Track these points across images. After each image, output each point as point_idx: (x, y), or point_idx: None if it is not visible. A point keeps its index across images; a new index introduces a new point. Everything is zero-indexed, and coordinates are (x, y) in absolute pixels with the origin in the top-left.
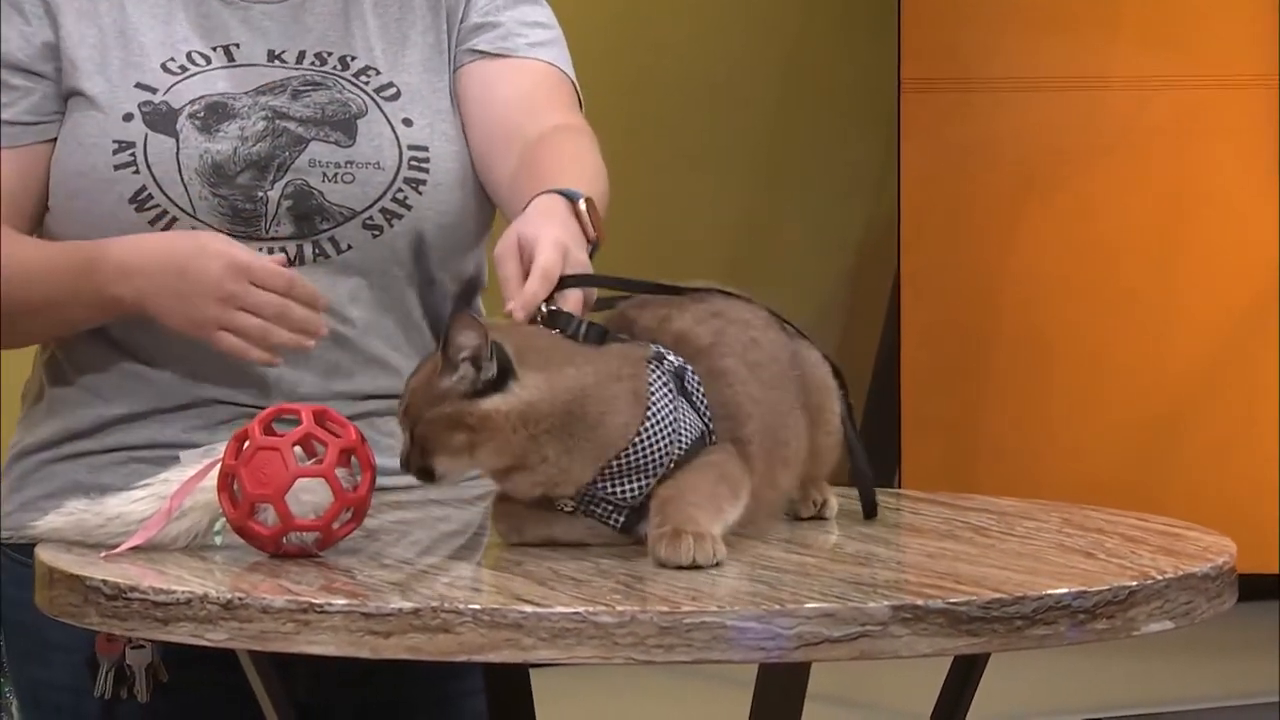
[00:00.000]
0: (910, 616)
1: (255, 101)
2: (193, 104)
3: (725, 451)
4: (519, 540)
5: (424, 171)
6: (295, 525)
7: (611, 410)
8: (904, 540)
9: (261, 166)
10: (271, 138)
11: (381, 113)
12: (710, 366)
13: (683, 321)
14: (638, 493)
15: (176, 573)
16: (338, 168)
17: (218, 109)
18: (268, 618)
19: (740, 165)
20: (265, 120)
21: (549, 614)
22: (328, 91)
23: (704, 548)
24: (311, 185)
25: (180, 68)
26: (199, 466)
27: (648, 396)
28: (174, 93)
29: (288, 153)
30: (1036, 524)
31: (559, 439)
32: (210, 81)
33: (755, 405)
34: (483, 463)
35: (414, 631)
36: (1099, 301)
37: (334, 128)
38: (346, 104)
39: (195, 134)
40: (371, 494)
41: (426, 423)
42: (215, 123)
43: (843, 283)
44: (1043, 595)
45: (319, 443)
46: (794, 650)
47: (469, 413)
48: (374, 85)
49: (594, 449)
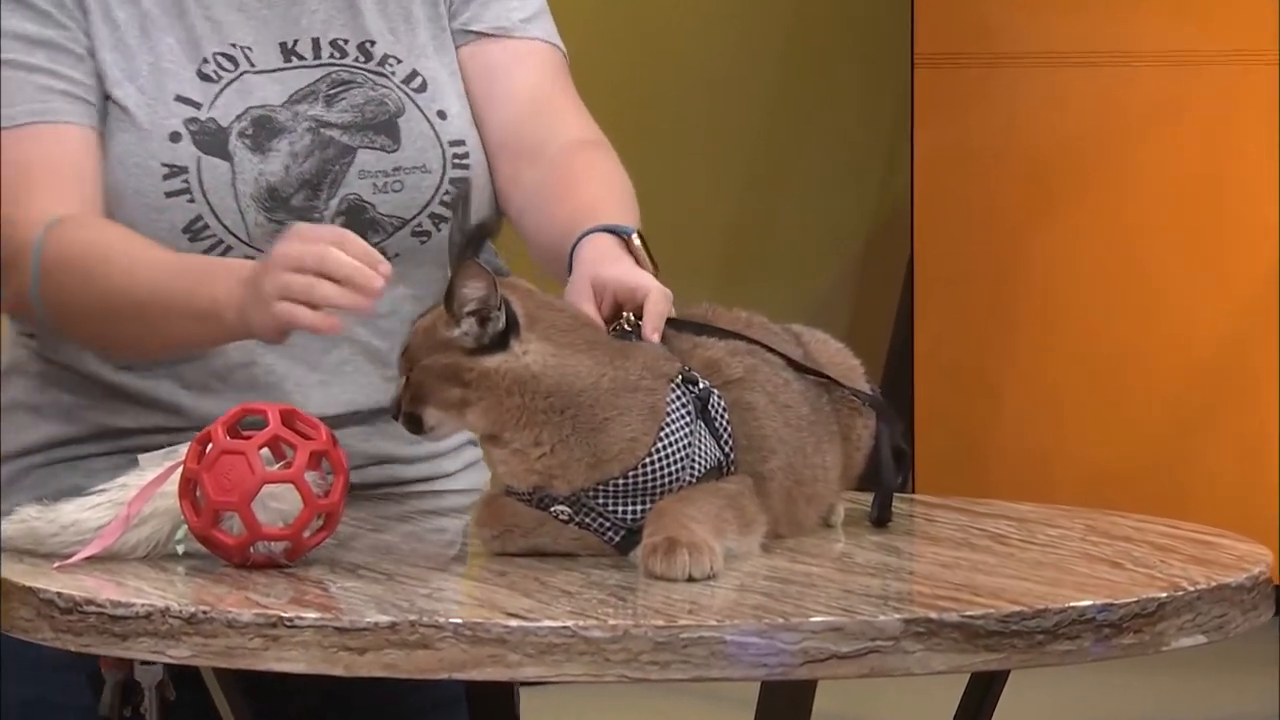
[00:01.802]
0: (924, 631)
1: (295, 112)
2: (240, 120)
3: (742, 482)
4: (503, 549)
5: (466, 169)
6: (263, 534)
7: (618, 420)
8: (917, 549)
9: (314, 185)
10: (319, 151)
11: (417, 108)
12: (738, 398)
13: (715, 350)
14: (639, 515)
15: (135, 584)
16: (386, 176)
17: (265, 125)
18: (234, 633)
19: (739, 147)
20: (310, 133)
21: (536, 628)
22: (360, 89)
23: (700, 560)
24: (364, 199)
25: (215, 74)
26: (159, 470)
27: (664, 415)
28: (219, 107)
29: (337, 166)
30: (1059, 531)
31: (555, 427)
32: (246, 90)
33: (781, 443)
34: (473, 423)
35: (391, 647)
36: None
37: (377, 131)
38: (383, 101)
39: (248, 155)
40: (345, 500)
41: (423, 369)
42: (265, 140)
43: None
44: (1066, 608)
45: (288, 445)
46: (798, 667)
47: (468, 367)
48: (400, 76)
49: (591, 453)
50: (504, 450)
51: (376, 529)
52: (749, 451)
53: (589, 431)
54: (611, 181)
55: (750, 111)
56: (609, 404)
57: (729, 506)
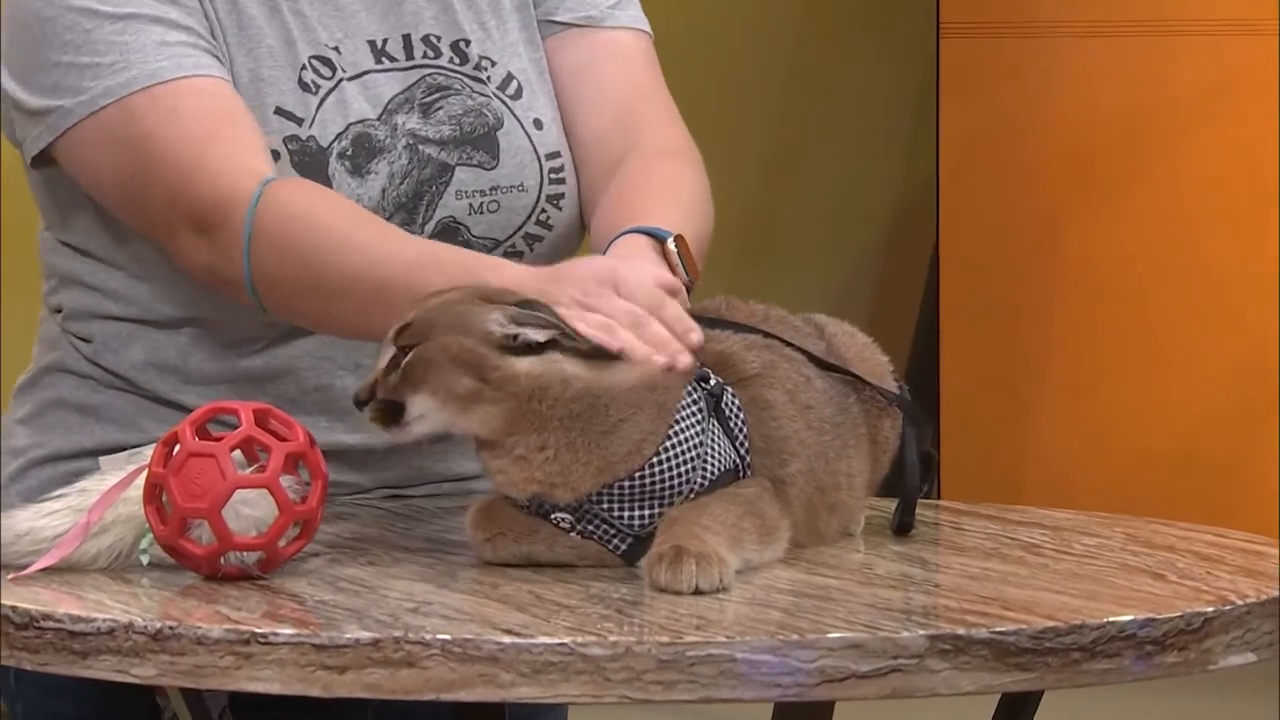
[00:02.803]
0: (950, 648)
1: (393, 127)
2: (340, 140)
3: (760, 486)
4: (494, 556)
5: (562, 184)
6: (234, 543)
7: (631, 419)
8: (943, 559)
9: (410, 209)
10: (418, 171)
11: (516, 119)
12: (754, 396)
13: (729, 344)
14: (647, 521)
15: (96, 597)
16: (483, 195)
17: (364, 144)
18: (203, 650)
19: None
20: (408, 150)
21: (530, 645)
22: (458, 98)
23: (709, 571)
24: (459, 221)
25: (314, 83)
26: (122, 474)
27: (674, 412)
28: (319, 123)
29: (434, 186)
30: (1097, 540)
31: (566, 430)
32: (344, 101)
33: (802, 446)
34: (472, 424)
35: (373, 666)
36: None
37: (475, 146)
38: (481, 112)
39: (347, 179)
40: (324, 506)
41: (435, 348)
42: (365, 161)
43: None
44: (1104, 623)
45: (261, 447)
46: (815, 687)
47: (494, 364)
48: (496, 81)
49: (600, 456)
50: (502, 458)
51: (358, 537)
52: (766, 454)
53: (600, 435)
54: (675, 189)
55: (763, 86)
56: (624, 402)
57: (748, 514)
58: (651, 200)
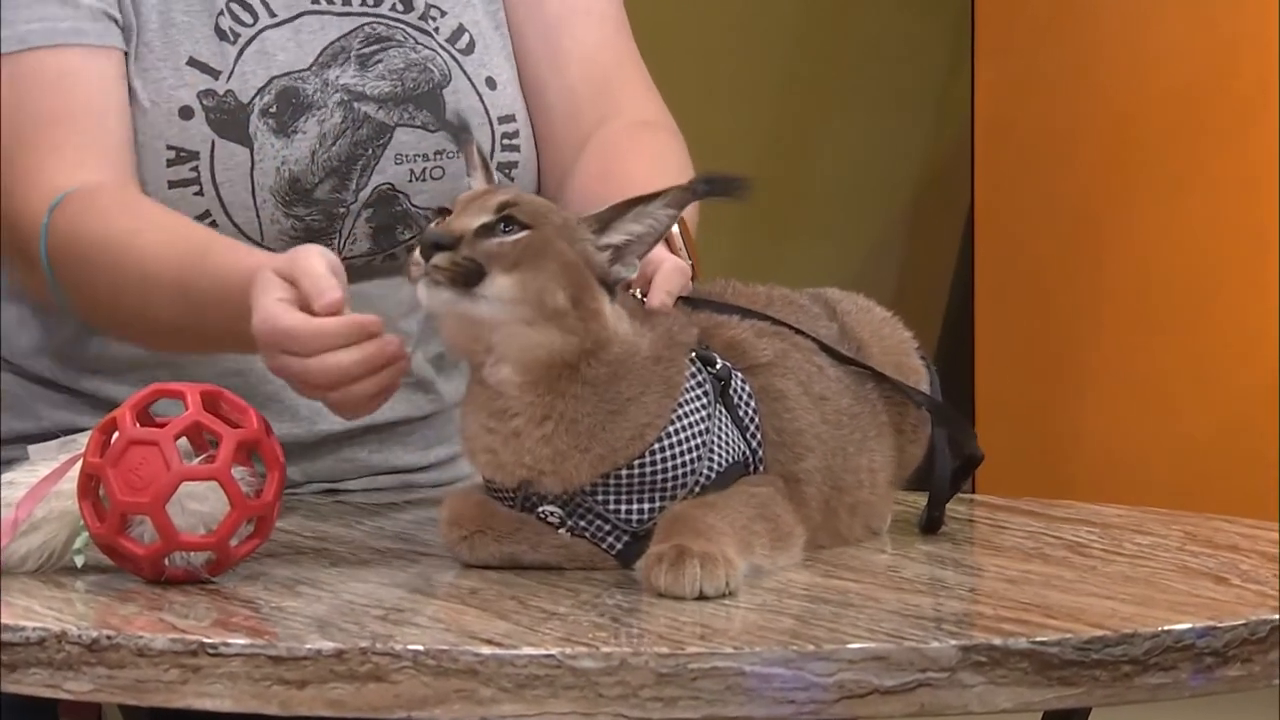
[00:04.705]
0: (985, 660)
1: (324, 81)
2: (262, 95)
3: (773, 485)
4: (471, 556)
5: (516, 151)
6: (181, 543)
7: (638, 400)
8: (978, 560)
9: (343, 174)
10: (352, 131)
11: (466, 76)
12: (766, 385)
13: (740, 330)
14: (646, 516)
15: (25, 604)
16: (426, 160)
17: (290, 99)
18: (145, 662)
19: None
20: (342, 108)
21: (514, 657)
22: (400, 50)
23: (714, 573)
24: (397, 188)
25: (231, 30)
26: (53, 464)
27: (680, 392)
28: (238, 76)
29: (370, 149)
30: (1151, 540)
31: (578, 401)
32: (267, 52)
33: (818, 441)
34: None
35: (337, 680)
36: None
37: (418, 105)
38: (426, 67)
39: (271, 138)
40: (280, 500)
41: (553, 245)
42: (291, 119)
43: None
44: (1159, 632)
45: (211, 434)
46: (833, 704)
47: (594, 295)
48: (445, 33)
49: (602, 441)
50: (497, 434)
51: (318, 535)
52: (780, 448)
53: (607, 415)
54: (662, 162)
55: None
56: (636, 380)
57: (760, 517)
58: (639, 173)
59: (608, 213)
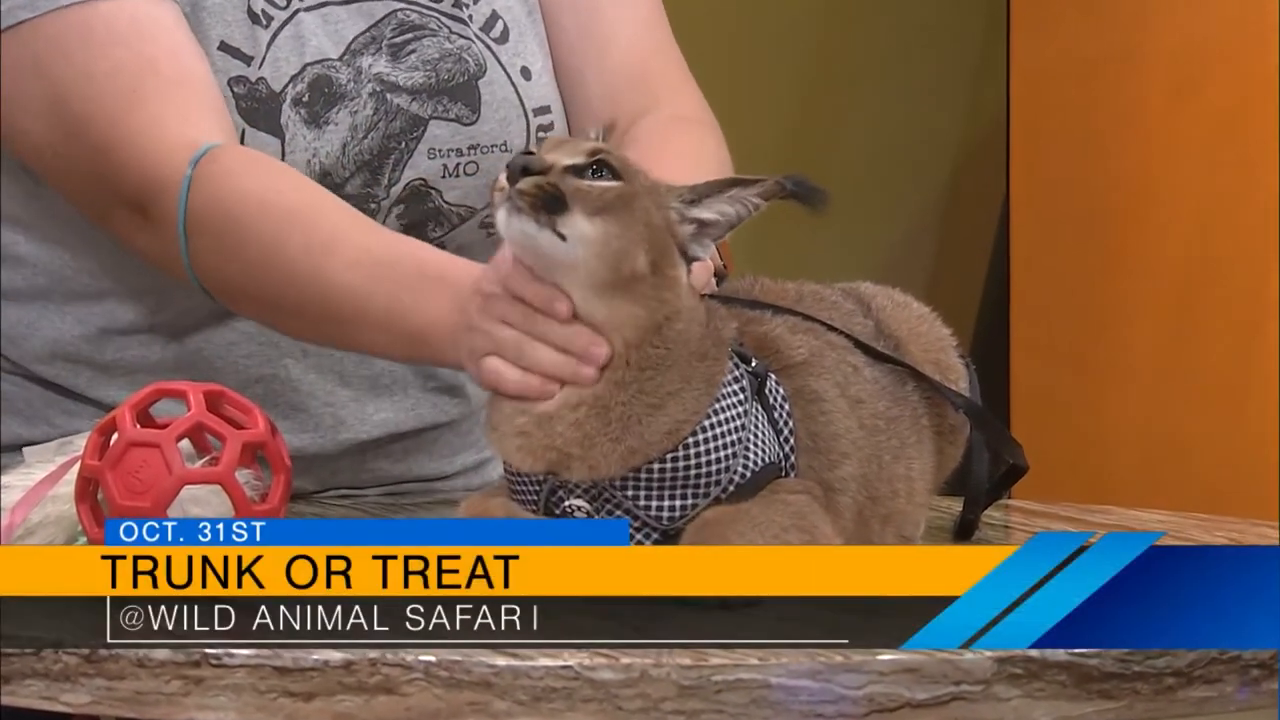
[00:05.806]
0: (1021, 673)
1: (357, 70)
2: (295, 83)
3: (809, 493)
4: None
5: None
6: None
7: (678, 395)
8: None
9: (374, 168)
10: (385, 123)
11: (500, 66)
12: (801, 386)
13: (773, 327)
14: (678, 514)
15: None
16: (460, 156)
17: (323, 88)
18: (145, 674)
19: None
20: (375, 99)
21: (529, 669)
22: (433, 39)
23: None
24: (430, 184)
25: (264, 13)
26: (50, 467)
27: (719, 388)
28: (271, 63)
29: (404, 142)
30: None
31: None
32: (300, 36)
33: (854, 447)
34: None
35: (345, 693)
36: None
37: (454, 97)
38: (461, 58)
39: (303, 129)
40: (286, 503)
41: (643, 200)
42: (323, 109)
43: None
44: None
45: (214, 436)
46: (863, 717)
47: (674, 263)
48: (479, 21)
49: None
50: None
51: None
52: (815, 454)
53: (645, 408)
54: (700, 161)
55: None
56: (680, 373)
57: (795, 527)
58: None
59: (703, 187)
